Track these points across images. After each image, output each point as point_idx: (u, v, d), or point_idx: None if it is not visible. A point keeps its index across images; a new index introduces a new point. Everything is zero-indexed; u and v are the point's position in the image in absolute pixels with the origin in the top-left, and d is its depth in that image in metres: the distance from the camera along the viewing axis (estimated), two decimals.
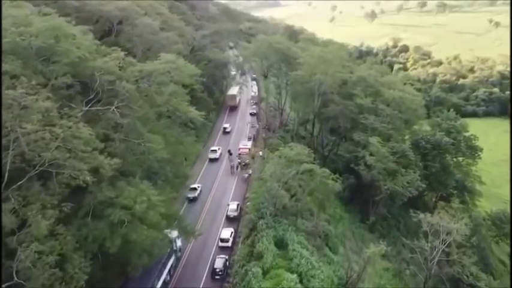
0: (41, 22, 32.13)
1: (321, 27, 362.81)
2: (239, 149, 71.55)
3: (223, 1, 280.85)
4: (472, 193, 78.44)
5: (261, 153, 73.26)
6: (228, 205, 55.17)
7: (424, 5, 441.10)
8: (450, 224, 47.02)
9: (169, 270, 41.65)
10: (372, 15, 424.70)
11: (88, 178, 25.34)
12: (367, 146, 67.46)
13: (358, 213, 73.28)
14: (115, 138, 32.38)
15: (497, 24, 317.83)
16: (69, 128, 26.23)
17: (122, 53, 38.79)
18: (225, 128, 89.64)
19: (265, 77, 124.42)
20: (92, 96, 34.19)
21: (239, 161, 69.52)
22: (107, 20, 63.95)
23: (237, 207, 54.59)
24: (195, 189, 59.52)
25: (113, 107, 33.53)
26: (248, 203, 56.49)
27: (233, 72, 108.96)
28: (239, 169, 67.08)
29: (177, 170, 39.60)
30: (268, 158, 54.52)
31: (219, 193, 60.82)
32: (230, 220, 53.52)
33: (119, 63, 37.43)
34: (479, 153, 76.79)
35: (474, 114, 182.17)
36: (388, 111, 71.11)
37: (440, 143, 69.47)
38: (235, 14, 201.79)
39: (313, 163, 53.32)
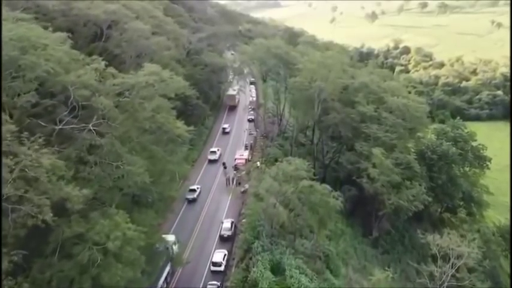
0: (6, 31, 28.52)
1: (321, 28, 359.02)
2: (235, 159, 68.03)
3: (222, 2, 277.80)
4: (480, 204, 74.75)
5: (258, 163, 69.78)
6: (222, 223, 51.53)
7: (425, 5, 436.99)
8: (461, 247, 43.37)
9: (165, 278, 41.02)
10: (373, 16, 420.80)
11: (48, 217, 21.75)
12: (369, 157, 63.93)
13: (360, 227, 69.76)
14: (89, 161, 28.78)
15: (499, 25, 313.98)
16: (30, 155, 22.59)
17: (103, 63, 35.25)
18: (224, 129, 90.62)
19: (264, 80, 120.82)
20: (65, 113, 30.63)
21: (235, 172, 65.97)
22: (95, 24, 60.37)
23: (231, 225, 50.98)
24: (194, 190, 60.12)
25: (90, 125, 29.98)
26: (244, 220, 53.03)
27: (231, 76, 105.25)
28: (235, 181, 63.40)
29: (163, 190, 35.89)
30: (264, 172, 50.80)
31: (213, 206, 57.38)
32: (224, 240, 49.90)
33: (99, 74, 33.87)
34: (488, 163, 73.10)
35: (477, 118, 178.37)
36: (392, 120, 67.55)
37: (447, 154, 65.85)
38: (233, 16, 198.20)
39: (313, 178, 49.88)
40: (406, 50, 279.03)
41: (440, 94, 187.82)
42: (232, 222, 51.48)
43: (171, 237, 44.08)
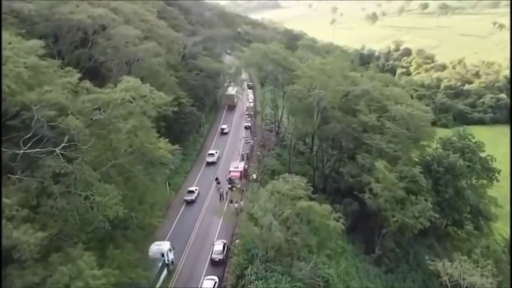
0: None
1: (322, 29, 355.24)
2: (229, 172, 64.17)
3: (222, 2, 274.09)
4: (488, 218, 70.83)
5: (254, 175, 66.14)
6: (213, 245, 47.67)
7: (425, 6, 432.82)
8: (474, 277, 39.54)
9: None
10: (373, 17, 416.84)
11: None
12: (371, 170, 60.25)
13: (362, 243, 65.87)
14: (54, 192, 25.03)
15: (501, 26, 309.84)
16: None
17: (77, 76, 31.57)
18: (222, 129, 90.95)
19: (262, 85, 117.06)
20: (29, 135, 26.90)
21: (229, 186, 62.17)
22: (80, 29, 56.68)
23: (223, 248, 47.10)
24: (192, 191, 60.55)
25: (57, 149, 26.27)
26: (237, 241, 49.26)
27: (227, 83, 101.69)
28: (229, 196, 59.58)
29: (143, 219, 32.04)
30: (259, 190, 46.93)
31: (205, 224, 53.58)
32: (215, 264, 46.05)
33: (72, 89, 30.15)
34: (497, 175, 69.20)
35: (481, 122, 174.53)
36: (395, 130, 63.78)
37: (454, 167, 61.97)
38: (232, 17, 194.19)
39: (312, 198, 46.11)
40: (407, 52, 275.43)
41: (443, 97, 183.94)
42: (224, 245, 47.61)
43: (166, 244, 43.53)
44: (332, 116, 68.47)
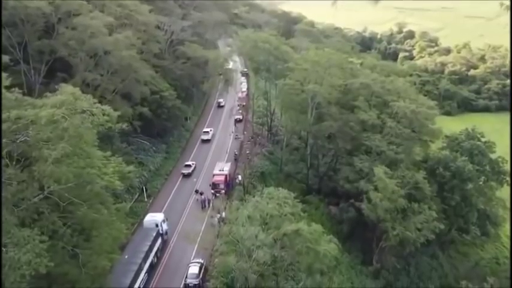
0: None
1: (322, 11, 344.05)
2: (213, 175, 57.97)
3: None
4: (496, 224, 65.09)
5: (240, 177, 60.15)
6: (189, 267, 41.87)
7: None
8: None
9: (156, 253, 42.89)
10: None
11: None
12: (370, 174, 54.36)
13: (359, 252, 60.50)
14: None
15: (508, 8, 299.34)
16: None
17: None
18: (219, 103, 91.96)
19: (256, 73, 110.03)
20: None
21: (212, 191, 56.20)
22: (43, 17, 49.93)
23: (200, 270, 41.31)
24: (189, 165, 63.62)
25: None
26: (216, 260, 43.55)
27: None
28: (211, 204, 53.70)
29: (90, 260, 25.91)
30: (239, 210, 40.88)
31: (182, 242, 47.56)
32: None
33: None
34: (507, 178, 63.11)
35: (486, 109, 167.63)
36: (398, 130, 57.60)
37: (462, 171, 55.91)
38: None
39: (301, 215, 40.36)
40: (411, 35, 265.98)
41: (447, 84, 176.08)
42: (201, 266, 41.79)
43: (160, 215, 46.97)
44: (328, 113, 62.10)
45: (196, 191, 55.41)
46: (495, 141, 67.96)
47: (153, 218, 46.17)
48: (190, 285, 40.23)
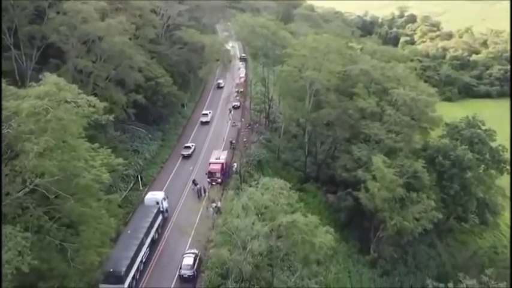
0: None
1: None
2: (210, 164, 57.24)
3: None
4: (495, 212, 64.50)
5: (235, 164, 59.44)
6: (183, 258, 41.36)
7: None
8: None
9: (157, 229, 44.66)
10: None
11: None
12: (368, 163, 53.54)
13: (357, 241, 59.97)
14: None
15: None
16: None
17: None
18: (219, 83, 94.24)
19: (254, 58, 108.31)
20: None
21: (208, 180, 55.57)
22: (31, 2, 48.51)
23: (194, 261, 40.80)
24: (189, 147, 65.01)
25: None
26: (212, 250, 43.01)
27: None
28: (207, 193, 53.06)
29: (78, 257, 25.15)
30: (234, 200, 40.17)
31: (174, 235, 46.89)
32: (184, 280, 39.97)
33: None
34: (507, 167, 62.31)
35: (487, 95, 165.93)
36: (397, 118, 56.56)
37: (462, 160, 55.05)
38: None
39: (297, 206, 39.67)
40: (412, 19, 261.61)
41: (448, 69, 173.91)
42: (195, 257, 41.26)
43: (160, 194, 49.02)
44: (326, 101, 60.98)
45: (194, 183, 54.55)
46: (495, 128, 67.06)
47: (154, 195, 48.25)
48: (184, 276, 39.86)
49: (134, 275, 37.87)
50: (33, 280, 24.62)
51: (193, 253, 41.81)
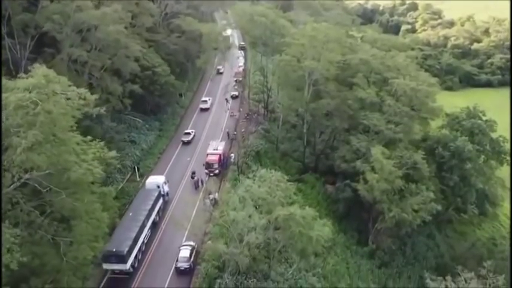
0: None
1: None
2: (207, 155, 56.76)
3: None
4: (494, 204, 64.19)
5: (232, 155, 59.00)
6: (180, 250, 41.09)
7: None
8: None
9: (158, 212, 46.18)
10: None
11: None
12: (367, 154, 53.04)
13: (355, 232, 59.66)
14: None
15: None
16: None
17: None
18: (218, 69, 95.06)
19: (253, 47, 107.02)
20: None
21: (206, 171, 55.16)
22: None
23: (191, 253, 40.53)
24: (189, 133, 66.07)
25: None
26: (209, 242, 42.72)
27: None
28: (205, 185, 52.63)
29: (70, 254, 24.78)
30: (231, 191, 39.79)
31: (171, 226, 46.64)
32: (181, 273, 39.73)
33: None
34: (508, 158, 61.80)
35: (488, 84, 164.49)
36: (397, 108, 55.87)
37: (461, 151, 54.50)
38: None
39: (294, 198, 39.25)
40: (414, 6, 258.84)
41: (449, 58, 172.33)
42: (192, 249, 41.01)
43: (161, 178, 50.27)
44: (325, 91, 60.22)
45: (193, 173, 54.21)
46: (496, 117, 66.42)
47: (155, 179, 49.54)
48: (181, 268, 39.61)
49: (136, 255, 39.20)
50: (26, 275, 24.27)
51: (190, 245, 41.57)
